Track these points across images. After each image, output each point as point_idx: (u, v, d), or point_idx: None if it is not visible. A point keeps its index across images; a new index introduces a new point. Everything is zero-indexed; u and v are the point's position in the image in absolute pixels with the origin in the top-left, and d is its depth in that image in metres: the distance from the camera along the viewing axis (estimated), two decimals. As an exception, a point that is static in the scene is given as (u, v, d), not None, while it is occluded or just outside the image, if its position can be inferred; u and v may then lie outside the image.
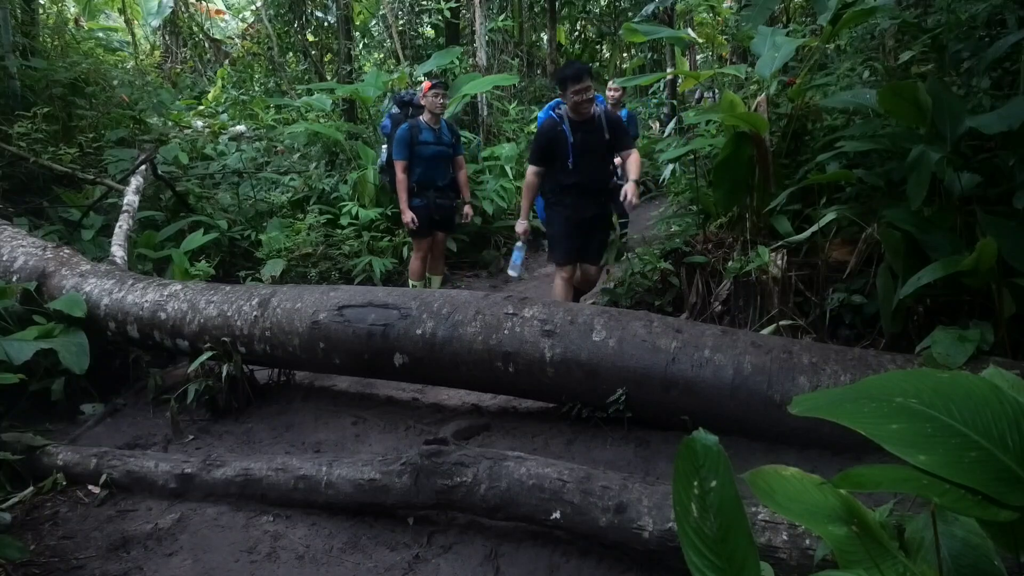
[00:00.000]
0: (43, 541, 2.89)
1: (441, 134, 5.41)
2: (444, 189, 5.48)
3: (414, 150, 5.31)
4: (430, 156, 5.34)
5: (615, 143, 4.49)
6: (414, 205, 5.36)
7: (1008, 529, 1.09)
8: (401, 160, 5.28)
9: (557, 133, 4.36)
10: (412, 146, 5.30)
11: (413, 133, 5.29)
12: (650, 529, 2.29)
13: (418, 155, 5.31)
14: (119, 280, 4.32)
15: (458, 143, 5.59)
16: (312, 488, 2.89)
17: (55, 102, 7.00)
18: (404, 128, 5.31)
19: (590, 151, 4.40)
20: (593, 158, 4.42)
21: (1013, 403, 1.07)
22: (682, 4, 8.44)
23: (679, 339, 3.15)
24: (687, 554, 1.14)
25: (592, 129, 4.40)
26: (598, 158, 4.47)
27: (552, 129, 4.40)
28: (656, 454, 3.16)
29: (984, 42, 3.51)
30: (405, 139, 5.28)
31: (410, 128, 5.30)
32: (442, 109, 5.37)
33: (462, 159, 5.64)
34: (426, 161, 5.33)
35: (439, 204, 5.45)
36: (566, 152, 4.34)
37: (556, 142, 4.37)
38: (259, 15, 12.91)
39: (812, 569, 1.83)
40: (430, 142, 5.32)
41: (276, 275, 5.91)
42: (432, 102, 5.28)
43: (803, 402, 1.20)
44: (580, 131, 4.36)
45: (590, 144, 4.39)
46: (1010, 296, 2.89)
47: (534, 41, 13.55)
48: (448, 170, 5.52)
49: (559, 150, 4.36)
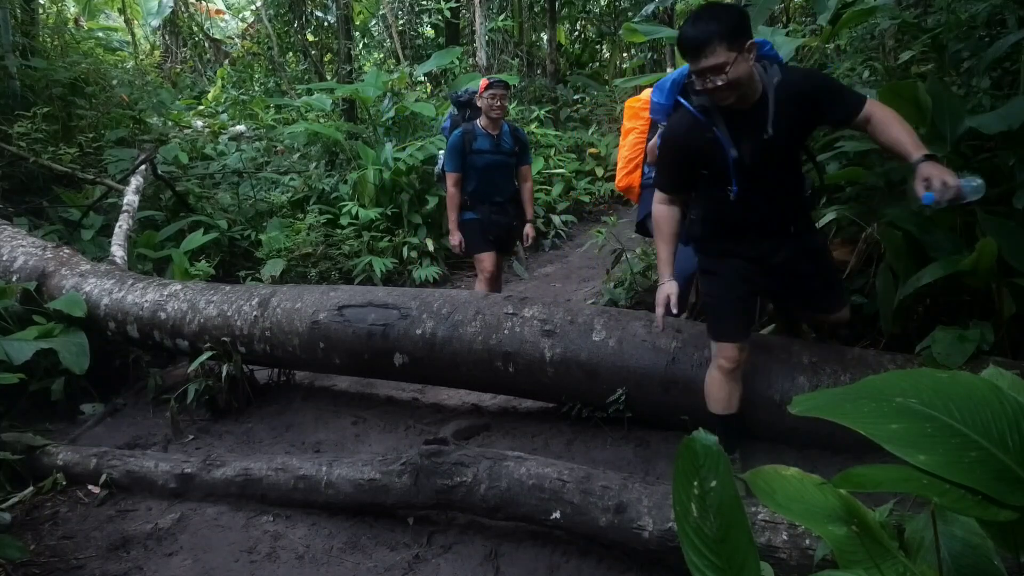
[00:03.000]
0: (43, 541, 2.89)
1: (501, 141, 4.52)
2: (503, 204, 4.58)
3: (467, 159, 4.48)
4: (485, 166, 4.47)
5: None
6: (465, 219, 4.55)
7: (1008, 529, 1.09)
8: (452, 172, 4.46)
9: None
10: (465, 155, 4.47)
11: (466, 140, 4.47)
12: (650, 529, 2.29)
13: (472, 165, 4.46)
14: (119, 280, 4.32)
15: (523, 151, 4.66)
16: (312, 488, 2.89)
17: (55, 102, 7.01)
18: (456, 135, 4.49)
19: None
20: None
21: (1013, 403, 1.07)
22: (682, 4, 8.45)
23: (679, 339, 3.15)
24: (687, 554, 1.14)
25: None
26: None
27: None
28: (656, 454, 3.16)
29: (984, 42, 3.50)
30: (457, 147, 4.45)
31: (463, 134, 4.47)
32: (501, 113, 4.45)
33: (528, 170, 4.71)
34: (481, 172, 4.47)
35: (494, 220, 4.53)
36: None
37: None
38: (259, 15, 12.91)
39: (812, 569, 1.83)
40: (486, 150, 4.46)
41: (276, 275, 5.91)
42: (488, 104, 4.39)
43: (803, 402, 1.20)
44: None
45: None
46: (1010, 296, 2.88)
47: (534, 41, 13.55)
48: (509, 183, 4.62)
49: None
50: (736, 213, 2.66)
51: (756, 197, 2.60)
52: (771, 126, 2.44)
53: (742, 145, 2.51)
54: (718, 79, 2.32)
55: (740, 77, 2.34)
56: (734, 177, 2.54)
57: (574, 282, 6.24)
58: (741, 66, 2.32)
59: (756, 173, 2.54)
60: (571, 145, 9.38)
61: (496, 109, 4.41)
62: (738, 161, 2.52)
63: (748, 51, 2.32)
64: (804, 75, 2.56)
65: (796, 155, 2.70)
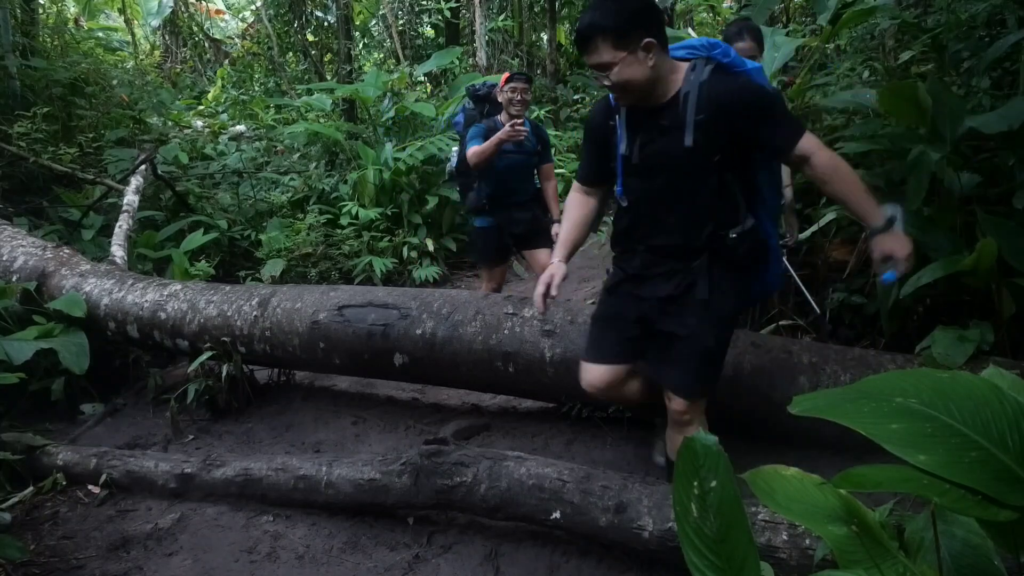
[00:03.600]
0: (43, 541, 2.89)
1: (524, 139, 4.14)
2: (525, 203, 4.30)
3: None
4: (507, 167, 4.14)
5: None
6: (478, 226, 4.31)
7: (1008, 529, 1.09)
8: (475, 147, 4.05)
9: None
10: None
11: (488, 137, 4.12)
12: (650, 529, 2.29)
13: (491, 165, 4.12)
14: (119, 280, 4.32)
15: (546, 149, 4.38)
16: (312, 488, 2.89)
17: (55, 102, 7.01)
18: (479, 127, 4.17)
19: None
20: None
21: (1013, 403, 1.07)
22: (682, 4, 8.45)
23: (679, 339, 3.15)
24: (687, 554, 1.14)
25: None
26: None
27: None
28: (656, 454, 3.16)
29: (984, 42, 3.51)
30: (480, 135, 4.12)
31: (486, 130, 4.14)
32: (523, 108, 4.10)
33: (550, 168, 4.41)
34: (501, 173, 4.14)
35: (516, 219, 4.21)
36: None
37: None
38: (259, 15, 12.91)
39: (812, 569, 1.83)
40: (508, 150, 4.11)
41: (276, 275, 5.91)
42: (509, 98, 4.05)
43: (803, 402, 1.20)
44: None
45: None
46: (1010, 296, 2.89)
47: (534, 41, 13.54)
48: (530, 183, 4.36)
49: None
50: (626, 223, 2.40)
51: (646, 207, 2.31)
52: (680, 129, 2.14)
53: (636, 142, 2.24)
54: (604, 78, 2.12)
55: (631, 79, 2.09)
56: (620, 177, 2.32)
57: (574, 282, 6.23)
58: (633, 68, 2.08)
59: (645, 178, 2.27)
60: (571, 145, 9.38)
61: (518, 104, 4.08)
62: (626, 159, 2.27)
63: (645, 50, 2.06)
64: (739, 88, 2.17)
65: (716, 172, 2.21)
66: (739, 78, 2.23)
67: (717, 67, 2.19)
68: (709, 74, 2.16)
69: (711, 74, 2.16)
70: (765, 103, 2.18)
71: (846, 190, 2.11)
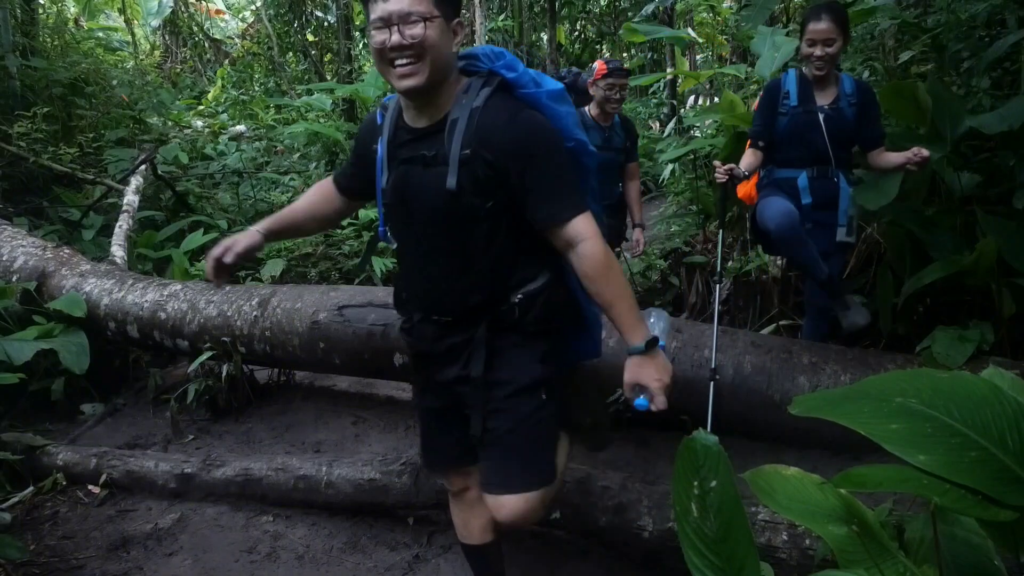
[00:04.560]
0: (43, 541, 2.88)
1: (612, 135, 3.83)
2: (613, 207, 3.88)
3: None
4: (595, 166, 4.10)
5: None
6: None
7: (1008, 529, 1.09)
8: None
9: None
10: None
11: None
12: (650, 529, 2.29)
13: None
14: (119, 280, 4.32)
15: (634, 147, 4.01)
16: (312, 488, 2.89)
17: (55, 102, 7.00)
18: None
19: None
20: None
21: (1013, 403, 1.07)
22: (682, 4, 8.45)
23: (679, 339, 3.15)
24: (687, 554, 1.14)
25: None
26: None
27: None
28: (656, 454, 3.16)
29: (984, 42, 3.51)
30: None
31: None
32: (618, 107, 3.77)
33: (636, 167, 4.04)
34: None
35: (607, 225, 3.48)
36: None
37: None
38: (259, 15, 12.92)
39: (812, 569, 1.83)
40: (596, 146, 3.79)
41: (276, 275, 5.90)
42: (605, 95, 3.70)
43: (803, 402, 1.21)
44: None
45: None
46: (1010, 296, 2.89)
47: (534, 41, 13.55)
48: (616, 185, 3.98)
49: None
50: (400, 276, 2.00)
51: (413, 257, 1.86)
52: (444, 165, 1.66)
53: (395, 170, 1.78)
54: (407, 29, 1.57)
55: (437, 50, 1.60)
56: (381, 215, 1.87)
57: (574, 282, 6.24)
58: (443, 37, 1.62)
59: (407, 221, 1.80)
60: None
61: (615, 101, 3.71)
62: (385, 192, 1.81)
63: (455, 31, 1.67)
64: (517, 121, 1.67)
65: (491, 220, 1.72)
66: (521, 106, 1.71)
67: (499, 87, 1.71)
68: (486, 98, 1.67)
69: (488, 98, 1.67)
70: (544, 148, 1.69)
71: (612, 295, 1.71)
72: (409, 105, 1.73)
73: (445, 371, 1.86)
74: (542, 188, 1.68)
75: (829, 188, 3.06)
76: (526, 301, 1.79)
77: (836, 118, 3.02)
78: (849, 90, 3.05)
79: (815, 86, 3.05)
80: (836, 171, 3.07)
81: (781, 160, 3.15)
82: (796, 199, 3.05)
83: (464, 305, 1.79)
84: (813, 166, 3.07)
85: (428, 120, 1.72)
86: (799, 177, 3.08)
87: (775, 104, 3.11)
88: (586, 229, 1.69)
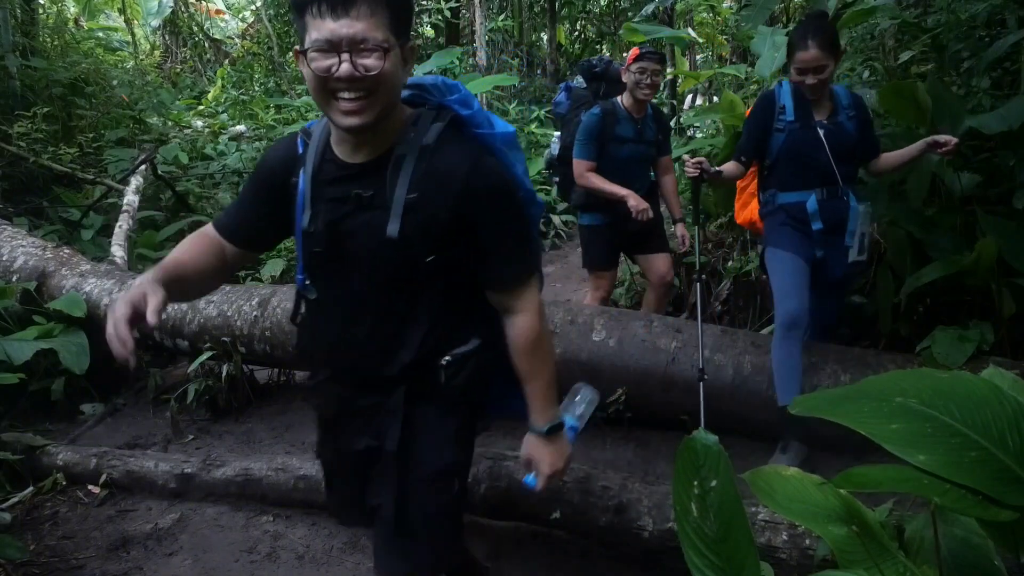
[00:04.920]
0: (43, 541, 2.88)
1: (644, 127, 3.63)
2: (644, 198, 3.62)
3: (605, 149, 3.57)
4: (626, 159, 3.60)
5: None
6: (586, 223, 3.78)
7: (1008, 529, 1.09)
8: (585, 160, 3.56)
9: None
10: (604, 142, 3.56)
11: (607, 124, 3.54)
12: (650, 529, 2.29)
13: (610, 156, 3.57)
14: (119, 280, 4.32)
15: (666, 140, 3.81)
16: (312, 488, 2.89)
17: (55, 102, 7.01)
18: (594, 115, 3.55)
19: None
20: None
21: (1013, 403, 1.07)
22: (682, 4, 8.46)
23: (679, 339, 3.16)
24: (687, 554, 1.14)
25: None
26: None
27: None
28: (656, 454, 3.16)
29: (984, 42, 3.51)
30: (594, 131, 3.54)
31: (603, 116, 3.54)
32: (651, 93, 3.56)
33: (670, 161, 3.86)
34: (620, 165, 3.57)
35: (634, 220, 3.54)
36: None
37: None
38: (259, 15, 12.92)
39: (812, 569, 1.83)
40: (628, 138, 3.59)
41: (276, 275, 5.91)
42: (637, 80, 3.49)
43: (803, 402, 1.20)
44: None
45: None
46: (1010, 296, 2.89)
47: (534, 41, 13.56)
48: (647, 177, 3.80)
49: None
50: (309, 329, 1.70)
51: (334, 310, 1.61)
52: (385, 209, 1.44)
53: (320, 210, 1.51)
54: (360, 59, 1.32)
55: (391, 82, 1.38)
56: (300, 260, 1.61)
57: (574, 282, 6.24)
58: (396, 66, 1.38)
59: (333, 268, 1.55)
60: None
61: (646, 88, 3.51)
62: (308, 237, 1.53)
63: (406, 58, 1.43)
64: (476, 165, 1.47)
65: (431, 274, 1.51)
66: (482, 151, 1.52)
67: (451, 124, 1.51)
68: (438, 136, 1.47)
69: (441, 134, 1.47)
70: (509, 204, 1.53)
71: (533, 371, 1.60)
72: (345, 139, 1.49)
73: (353, 440, 1.66)
74: (502, 249, 1.53)
75: (839, 209, 2.88)
76: (454, 365, 1.59)
77: (837, 133, 2.86)
78: (846, 102, 2.92)
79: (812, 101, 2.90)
80: (845, 189, 2.89)
81: (783, 182, 2.96)
82: (806, 225, 2.87)
83: (386, 366, 1.58)
84: (821, 187, 2.88)
85: (367, 155, 1.48)
86: (808, 201, 2.88)
87: (769, 119, 2.93)
88: (530, 301, 1.58)
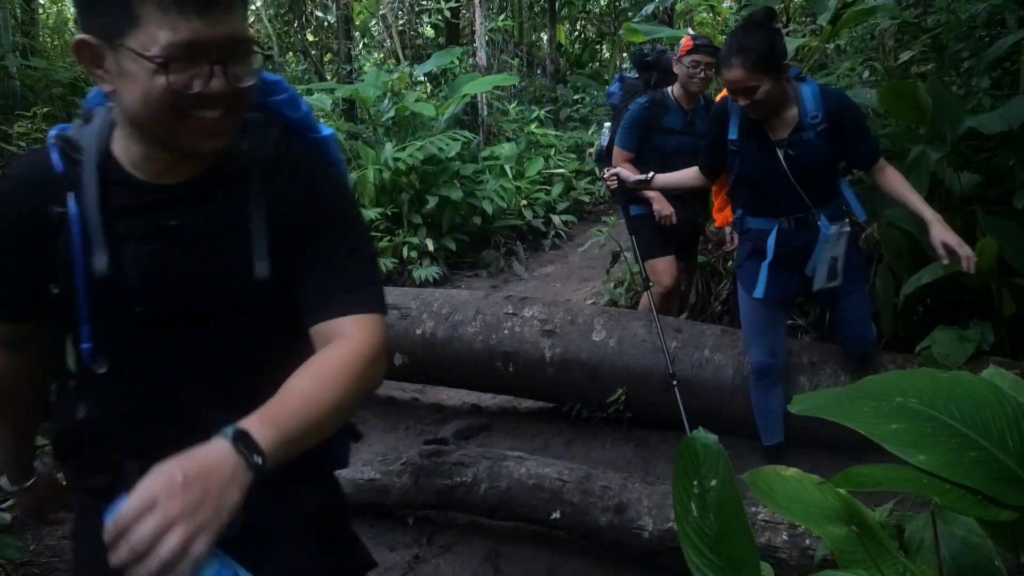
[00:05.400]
0: (43, 541, 2.88)
1: (694, 119, 3.48)
2: (686, 198, 3.52)
3: (651, 140, 3.47)
4: (674, 151, 3.43)
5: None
6: (636, 213, 3.60)
7: (1008, 529, 1.09)
8: (624, 150, 3.48)
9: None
10: (650, 132, 3.46)
11: (654, 114, 3.45)
12: (650, 529, 2.29)
13: (655, 147, 3.45)
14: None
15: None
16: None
17: (55, 102, 7.00)
18: (641, 105, 3.46)
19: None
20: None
21: (1013, 403, 1.07)
22: (682, 4, 8.46)
23: (679, 339, 3.16)
24: (687, 554, 1.14)
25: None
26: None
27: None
28: (656, 454, 3.16)
29: (984, 42, 3.51)
30: (639, 121, 3.45)
31: (650, 106, 3.44)
32: (703, 85, 3.46)
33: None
34: (667, 157, 3.37)
35: (678, 215, 3.48)
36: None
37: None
38: (259, 15, 12.93)
39: (812, 569, 1.83)
40: (677, 130, 3.47)
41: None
42: (689, 72, 3.38)
43: (803, 402, 1.20)
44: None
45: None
46: (1010, 296, 2.89)
47: (534, 41, 13.55)
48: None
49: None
50: (89, 413, 1.15)
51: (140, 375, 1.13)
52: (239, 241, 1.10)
53: (127, 246, 1.08)
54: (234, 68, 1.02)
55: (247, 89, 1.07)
56: (86, 317, 1.08)
57: (574, 282, 6.24)
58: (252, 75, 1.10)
59: (130, 322, 1.09)
60: (571, 145, 9.39)
61: (698, 80, 3.40)
62: (105, 282, 1.06)
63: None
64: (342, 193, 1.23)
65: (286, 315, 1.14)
66: (325, 160, 1.25)
67: (286, 129, 1.23)
68: (275, 144, 1.17)
69: (280, 139, 1.18)
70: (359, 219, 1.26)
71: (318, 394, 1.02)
72: (153, 155, 1.08)
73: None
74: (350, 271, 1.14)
75: (807, 239, 2.60)
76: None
77: (802, 154, 2.50)
78: (813, 110, 2.50)
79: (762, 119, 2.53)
80: (817, 213, 2.57)
81: (748, 206, 2.71)
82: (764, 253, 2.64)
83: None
84: (788, 214, 2.59)
85: (184, 175, 1.10)
86: (771, 233, 2.61)
87: (721, 135, 2.63)
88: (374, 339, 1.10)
